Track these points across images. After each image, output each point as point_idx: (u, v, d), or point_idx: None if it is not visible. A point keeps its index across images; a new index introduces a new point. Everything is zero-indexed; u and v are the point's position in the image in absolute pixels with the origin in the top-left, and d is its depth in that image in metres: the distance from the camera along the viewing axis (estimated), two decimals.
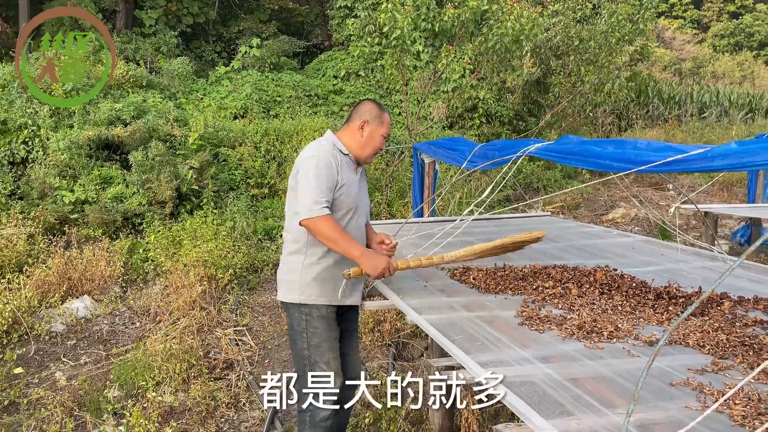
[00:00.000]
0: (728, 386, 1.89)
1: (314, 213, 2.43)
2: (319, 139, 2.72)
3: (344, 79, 11.98)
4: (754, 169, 3.12)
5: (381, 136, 2.73)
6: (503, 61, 8.77)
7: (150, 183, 6.86)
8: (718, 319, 2.55)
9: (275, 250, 6.79)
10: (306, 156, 2.57)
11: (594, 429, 1.68)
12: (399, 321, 4.92)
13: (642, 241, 4.68)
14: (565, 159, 3.02)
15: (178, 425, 3.55)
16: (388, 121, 2.76)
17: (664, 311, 2.68)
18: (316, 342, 2.62)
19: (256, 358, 4.69)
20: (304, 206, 2.45)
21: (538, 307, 2.77)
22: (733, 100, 16.75)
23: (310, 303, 2.62)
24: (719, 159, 2.12)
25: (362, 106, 2.76)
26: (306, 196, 2.46)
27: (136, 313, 5.39)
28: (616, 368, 2.12)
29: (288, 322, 2.73)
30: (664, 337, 1.44)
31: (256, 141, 8.48)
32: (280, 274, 2.74)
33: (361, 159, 2.74)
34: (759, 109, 16.67)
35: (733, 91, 17.79)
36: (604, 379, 2.04)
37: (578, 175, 11.09)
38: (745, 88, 20.11)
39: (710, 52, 29.36)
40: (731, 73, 26.17)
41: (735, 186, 10.48)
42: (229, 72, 11.27)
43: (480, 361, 2.16)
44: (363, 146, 2.70)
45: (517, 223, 5.45)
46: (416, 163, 5.61)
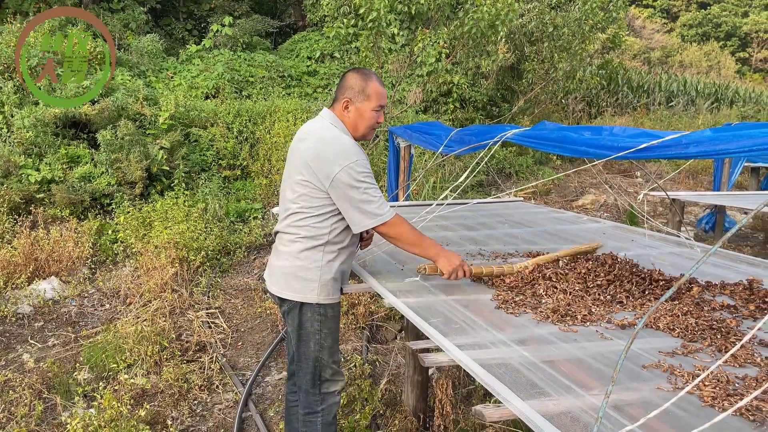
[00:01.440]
0: (698, 368, 1.95)
1: (387, 216, 2.33)
2: (336, 131, 2.43)
3: (319, 61, 11.85)
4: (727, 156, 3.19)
5: (371, 111, 2.45)
6: (478, 46, 8.78)
7: (119, 163, 6.72)
8: (687, 304, 2.62)
9: (248, 232, 6.73)
10: (341, 161, 2.30)
11: (570, 410, 1.72)
12: (373, 304, 4.94)
13: (612, 226, 4.77)
14: (541, 145, 3.04)
15: (150, 407, 3.52)
16: (377, 90, 2.45)
17: (640, 296, 2.74)
18: (330, 343, 2.50)
19: (229, 340, 4.67)
20: (370, 213, 2.31)
21: (515, 293, 2.81)
22: (700, 89, 17.11)
23: (328, 302, 2.47)
24: (693, 146, 2.16)
25: (345, 80, 2.49)
26: (368, 203, 2.30)
27: (105, 295, 5.30)
28: (590, 351, 2.17)
29: (296, 322, 2.49)
30: (642, 322, 1.48)
31: (228, 122, 8.36)
32: (285, 270, 2.47)
33: (357, 139, 2.50)
34: (724, 99, 17.08)
35: (699, 81, 18.18)
36: (578, 361, 2.08)
37: (549, 162, 11.23)
38: (712, 78, 20.57)
39: (679, 41, 29.88)
40: (698, 62, 26.70)
41: (700, 174, 10.75)
42: (201, 51, 11.06)
43: (457, 343, 2.18)
44: (354, 127, 2.47)
45: (490, 207, 5.50)
46: (392, 147, 5.60)
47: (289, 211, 2.46)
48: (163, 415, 3.56)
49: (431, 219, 3.87)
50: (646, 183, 10.16)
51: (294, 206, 2.44)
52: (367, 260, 3.27)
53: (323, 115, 2.50)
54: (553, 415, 1.69)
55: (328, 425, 2.57)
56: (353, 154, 2.32)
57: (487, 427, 3.26)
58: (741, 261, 3.65)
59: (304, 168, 2.38)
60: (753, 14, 31.65)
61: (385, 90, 2.55)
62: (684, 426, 1.58)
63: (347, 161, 2.29)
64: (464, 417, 3.39)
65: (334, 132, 2.42)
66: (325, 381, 2.52)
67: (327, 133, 2.41)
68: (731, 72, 26.65)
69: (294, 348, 2.54)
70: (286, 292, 2.47)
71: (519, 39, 11.01)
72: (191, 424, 3.57)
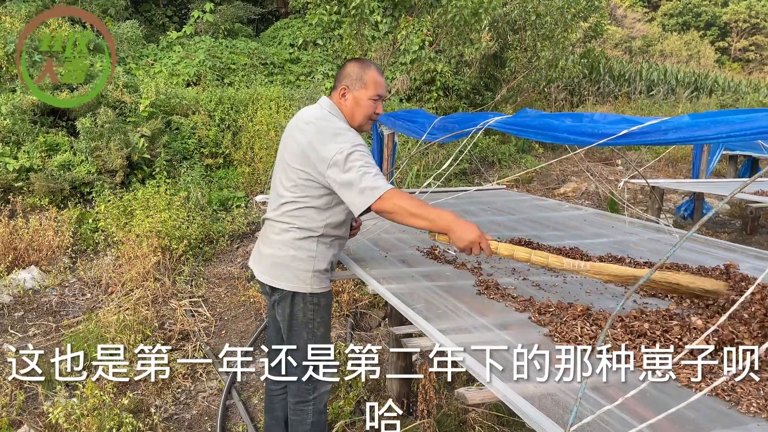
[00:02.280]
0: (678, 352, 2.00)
1: (380, 191, 2.12)
2: (333, 118, 2.39)
3: (301, 48, 11.77)
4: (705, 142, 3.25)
5: (369, 99, 2.41)
6: (462, 34, 8.78)
7: (99, 151, 6.63)
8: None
9: (231, 221, 6.70)
10: (341, 140, 2.24)
11: (550, 391, 1.75)
12: (357, 291, 4.96)
13: (593, 213, 4.83)
14: (523, 132, 3.06)
15: (134, 396, 3.51)
16: (375, 79, 2.41)
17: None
18: (322, 332, 2.49)
19: (213, 329, 4.66)
20: (365, 189, 2.14)
21: (495, 278, 2.85)
22: (680, 78, 17.28)
23: (321, 292, 2.45)
24: (672, 132, 2.19)
25: (344, 68, 2.46)
26: (363, 181, 2.15)
27: (86, 284, 5.26)
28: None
29: (288, 312, 2.46)
30: (623, 302, 1.51)
31: (210, 109, 8.28)
32: (277, 259, 2.43)
33: (355, 128, 2.45)
34: (703, 88, 17.26)
35: (680, 70, 18.34)
36: (560, 344, 2.12)
37: (531, 150, 11.30)
38: (692, 67, 20.76)
39: (659, 30, 30.09)
40: (678, 51, 26.92)
41: (680, 162, 10.88)
42: (181, 37, 10.92)
43: (440, 329, 2.20)
44: (351, 116, 2.43)
45: (473, 195, 5.54)
46: (375, 135, 5.60)
47: (284, 200, 2.41)
48: (146, 404, 3.55)
49: None
50: (626, 171, 10.27)
51: (289, 195, 2.38)
52: (351, 248, 3.28)
53: (321, 104, 2.47)
54: (534, 397, 1.72)
55: (319, 413, 2.58)
56: (348, 139, 2.27)
57: (470, 411, 3.31)
58: (718, 247, 3.72)
59: (301, 157, 2.33)
60: (732, 4, 31.97)
61: (384, 80, 2.51)
62: (661, 406, 1.62)
63: (341, 145, 2.23)
64: (447, 402, 3.43)
65: (331, 119, 2.38)
66: (316, 369, 2.52)
67: (324, 122, 2.37)
68: (711, 61, 26.92)
69: (285, 338, 2.53)
70: (278, 282, 2.44)
71: (502, 27, 11.02)
72: (175, 412, 3.57)
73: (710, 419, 1.62)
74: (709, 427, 1.57)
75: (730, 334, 1.99)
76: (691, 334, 2.06)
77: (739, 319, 2.11)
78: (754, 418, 1.62)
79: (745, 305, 2.22)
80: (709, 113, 2.24)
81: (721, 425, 1.59)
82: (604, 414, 1.54)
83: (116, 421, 3.10)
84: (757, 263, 3.22)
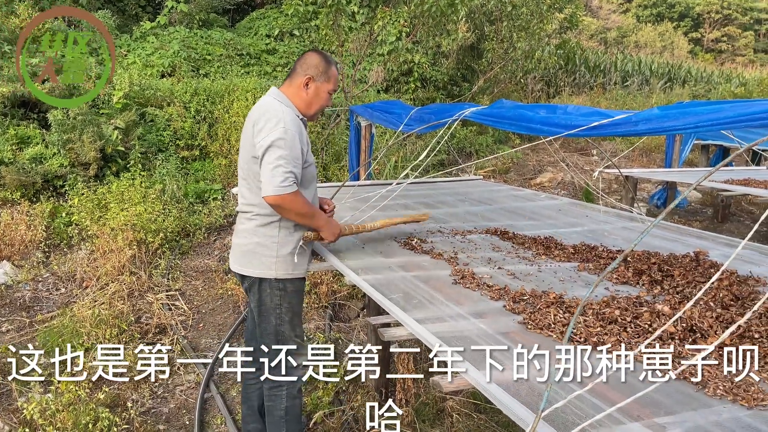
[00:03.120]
0: (647, 338, 2.04)
1: (285, 190, 2.27)
2: (276, 105, 2.45)
3: (278, 39, 11.66)
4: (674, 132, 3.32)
5: (327, 92, 2.54)
6: (438, 25, 8.78)
7: (72, 143, 6.52)
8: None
9: (208, 213, 6.65)
10: (271, 127, 2.34)
11: (524, 377, 1.78)
12: (335, 283, 4.97)
13: (568, 203, 4.89)
14: (498, 123, 3.09)
15: (110, 390, 3.49)
16: (335, 75, 2.56)
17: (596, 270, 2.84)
18: (290, 317, 2.54)
19: (190, 322, 4.64)
20: (272, 183, 2.26)
21: (471, 268, 2.87)
22: (654, 69, 17.51)
23: (287, 277, 2.50)
24: (642, 123, 2.24)
25: (307, 58, 2.53)
26: (274, 172, 2.27)
27: (60, 278, 5.19)
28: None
29: (257, 298, 2.53)
30: (592, 289, 1.54)
31: (185, 101, 8.18)
32: (244, 247, 2.52)
33: (306, 118, 2.56)
34: (677, 78, 17.51)
35: (654, 61, 18.59)
36: (533, 332, 2.15)
37: (509, 140, 11.37)
38: (665, 58, 21.05)
39: (634, 21, 30.39)
40: (653, 43, 27.24)
41: (653, 152, 11.05)
42: (155, 28, 10.74)
43: (417, 318, 2.23)
44: (309, 104, 2.52)
45: (450, 186, 5.57)
46: (353, 126, 5.60)
47: (243, 189, 2.53)
48: (123, 398, 3.53)
49: (393, 198, 3.90)
50: (601, 161, 10.40)
51: (246, 183, 2.50)
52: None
53: (269, 93, 2.56)
54: (508, 383, 1.75)
55: (293, 398, 2.61)
56: (290, 124, 2.36)
57: (447, 399, 3.34)
58: (690, 234, 3.80)
59: (247, 144, 2.44)
60: None
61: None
62: (630, 389, 1.66)
63: (277, 128, 2.33)
64: (425, 390, 3.46)
65: (275, 105, 2.46)
66: (287, 354, 2.54)
67: (267, 107, 2.45)
68: (684, 52, 27.31)
69: (256, 323, 2.58)
70: (246, 269, 2.53)
71: (479, 18, 11.04)
72: (152, 406, 3.56)
73: (679, 402, 1.67)
74: (677, 410, 1.62)
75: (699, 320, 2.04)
76: (660, 320, 2.10)
77: (705, 304, 2.17)
78: (721, 401, 1.67)
79: (712, 291, 2.28)
80: (677, 105, 2.29)
81: (689, 408, 1.63)
82: (575, 399, 1.57)
83: (92, 416, 3.08)
84: (727, 250, 3.29)
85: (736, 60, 28.81)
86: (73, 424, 3.01)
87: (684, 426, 1.53)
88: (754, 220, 7.93)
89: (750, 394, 1.66)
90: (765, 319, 2.08)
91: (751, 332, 1.96)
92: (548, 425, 1.50)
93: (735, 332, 1.91)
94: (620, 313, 2.16)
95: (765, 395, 1.66)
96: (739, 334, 1.94)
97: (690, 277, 2.61)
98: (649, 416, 1.57)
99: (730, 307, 2.17)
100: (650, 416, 1.57)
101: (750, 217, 8.06)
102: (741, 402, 1.64)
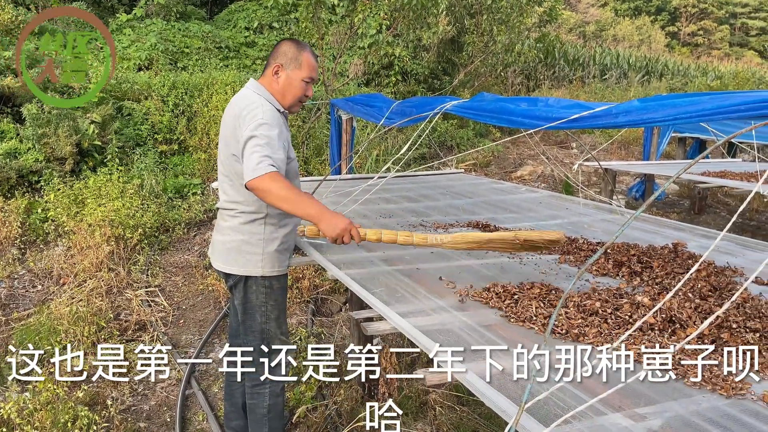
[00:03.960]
0: (628, 329, 2.06)
1: (260, 171, 2.13)
2: (255, 98, 2.39)
3: (257, 31, 11.55)
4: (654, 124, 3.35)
5: (301, 80, 2.42)
6: (419, 18, 8.75)
7: (47, 138, 6.40)
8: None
9: (187, 208, 6.58)
10: (249, 121, 2.27)
11: (508, 370, 1.79)
12: (317, 278, 4.95)
13: (548, 196, 4.93)
14: (480, 116, 3.09)
15: (89, 388, 3.44)
16: (309, 62, 2.43)
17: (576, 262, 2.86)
18: (276, 314, 2.50)
19: (171, 318, 4.59)
20: (248, 167, 2.16)
21: (454, 261, 2.88)
22: (632, 63, 17.69)
23: (274, 275, 2.46)
24: (623, 115, 2.25)
25: (279, 47, 2.47)
26: (250, 159, 2.17)
27: (37, 275, 5.10)
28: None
29: (242, 296, 2.48)
30: (573, 281, 1.54)
31: (163, 94, 8.07)
32: (228, 245, 2.45)
33: (285, 109, 2.48)
34: (654, 72, 17.72)
35: (631, 54, 18.77)
36: (515, 325, 2.16)
37: (489, 134, 11.41)
38: (643, 52, 21.28)
39: (612, 15, 30.63)
40: (630, 36, 27.50)
41: (631, 145, 11.17)
42: (132, 20, 10.58)
43: (400, 312, 2.22)
44: (282, 94, 2.44)
45: (432, 179, 5.57)
46: (333, 120, 5.56)
47: (225, 186, 2.45)
48: (102, 396, 3.48)
49: (374, 191, 3.89)
50: (581, 154, 10.48)
51: (228, 180, 2.43)
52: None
53: (248, 85, 2.50)
54: (492, 375, 1.75)
55: (275, 396, 2.59)
56: (269, 117, 2.29)
57: (430, 392, 3.35)
58: (668, 226, 3.85)
59: (230, 139, 2.37)
60: None
61: (317, 64, 2.52)
62: (613, 380, 1.67)
63: (254, 121, 2.25)
64: (408, 384, 3.47)
65: (254, 98, 2.39)
66: (273, 352, 2.53)
67: (245, 101, 2.39)
68: (661, 46, 27.61)
69: (240, 321, 2.54)
70: (231, 267, 2.47)
71: (459, 11, 11.03)
72: (133, 404, 3.52)
73: (659, 392, 1.69)
74: (658, 400, 1.64)
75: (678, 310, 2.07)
76: (640, 312, 2.13)
77: (683, 295, 2.19)
78: (700, 390, 1.69)
79: (691, 282, 2.31)
80: (656, 97, 2.30)
81: (669, 398, 1.65)
82: (557, 391, 1.58)
83: (71, 415, 3.03)
84: (705, 242, 3.34)
85: (712, 53, 29.22)
86: (51, 423, 2.96)
87: (664, 416, 1.55)
88: (730, 212, 8.07)
89: (728, 383, 1.68)
90: (743, 309, 2.12)
91: (729, 322, 1.99)
92: (531, 417, 1.51)
93: (713, 323, 1.93)
94: (601, 305, 2.18)
95: (743, 385, 1.69)
96: (717, 324, 1.97)
97: (669, 268, 2.64)
98: (630, 407, 1.59)
99: (708, 298, 2.21)
100: (631, 407, 1.59)
101: (726, 208, 8.20)
102: (720, 391, 1.67)
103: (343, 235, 2.24)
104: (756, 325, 1.98)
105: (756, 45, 32.35)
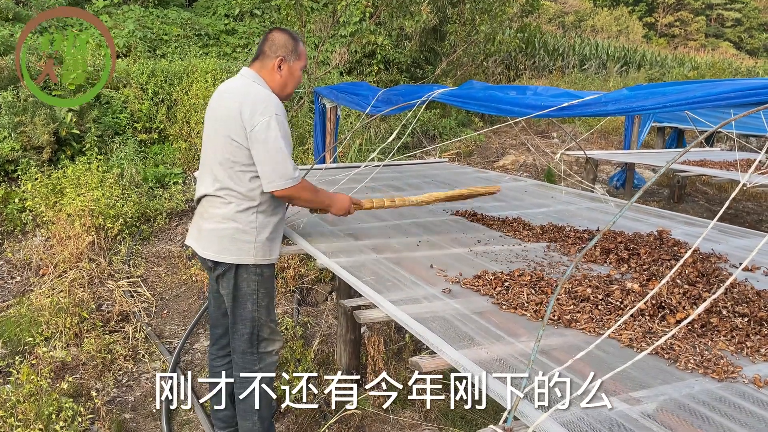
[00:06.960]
0: (619, 315, 2.08)
1: (294, 181, 2.31)
2: (261, 91, 2.39)
3: (237, 19, 11.40)
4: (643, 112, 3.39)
5: (299, 70, 2.52)
6: (402, 7, 8.71)
7: (23, 126, 6.25)
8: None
9: (168, 198, 6.49)
10: (263, 112, 2.29)
11: (501, 357, 1.80)
12: (303, 267, 4.92)
13: (533, 185, 4.95)
14: (468, 104, 3.08)
15: (73, 380, 3.39)
16: (304, 51, 2.54)
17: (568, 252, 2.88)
18: (266, 302, 2.49)
19: (154, 309, 4.53)
20: (280, 174, 2.28)
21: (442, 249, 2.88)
22: (611, 53, 17.82)
23: (265, 263, 2.45)
24: (612, 103, 2.26)
25: (275, 39, 2.46)
26: (279, 163, 2.27)
27: (15, 266, 5.00)
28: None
29: (232, 284, 2.45)
30: (570, 270, 1.55)
31: (142, 82, 7.92)
32: (220, 232, 2.42)
33: (282, 98, 2.49)
34: (632, 62, 17.88)
35: (610, 45, 18.91)
36: (506, 312, 2.17)
37: (471, 123, 11.43)
38: (621, 42, 21.43)
39: (591, 6, 30.79)
40: (609, 27, 27.69)
41: (611, 134, 11.28)
42: (108, 6, 10.36)
43: (391, 300, 2.22)
44: (283, 86, 2.47)
45: (417, 169, 5.57)
46: (317, 109, 5.51)
47: (218, 172, 2.40)
48: (86, 387, 3.43)
49: (359, 181, 3.87)
50: (562, 143, 10.55)
51: (222, 168, 2.38)
52: (297, 222, 3.24)
53: (244, 74, 2.48)
54: (486, 362, 1.76)
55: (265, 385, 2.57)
56: (275, 107, 2.33)
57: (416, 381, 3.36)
58: (650, 214, 3.89)
59: (229, 126, 2.33)
60: None
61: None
62: (606, 366, 1.69)
63: (269, 113, 2.30)
64: (395, 372, 3.47)
65: (257, 88, 2.40)
66: (263, 340, 2.52)
67: (251, 89, 2.40)
68: (639, 36, 27.85)
69: (229, 310, 2.51)
70: (222, 255, 2.42)
71: (441, 0, 11.00)
72: (117, 395, 3.47)
73: (652, 376, 1.71)
74: (652, 384, 1.66)
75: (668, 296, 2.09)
76: (630, 297, 2.15)
77: (672, 281, 2.22)
78: (692, 374, 1.72)
79: (678, 268, 2.34)
80: (645, 86, 2.32)
81: (663, 381, 1.67)
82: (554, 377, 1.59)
83: (55, 407, 2.98)
84: (687, 229, 3.39)
85: (689, 44, 29.57)
86: (35, 415, 2.91)
87: (658, 399, 1.57)
88: (708, 200, 8.20)
89: (720, 367, 1.71)
90: (730, 294, 2.15)
91: (718, 307, 2.02)
92: (528, 403, 1.51)
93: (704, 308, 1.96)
94: (592, 291, 2.20)
95: (734, 368, 1.71)
96: (707, 310, 2.00)
97: (656, 255, 2.67)
98: (626, 390, 1.60)
99: (696, 284, 2.24)
100: (626, 390, 1.60)
101: (704, 197, 8.33)
102: (712, 375, 1.69)
103: (348, 208, 2.69)
104: (744, 310, 2.01)
105: (731, 36, 32.81)
